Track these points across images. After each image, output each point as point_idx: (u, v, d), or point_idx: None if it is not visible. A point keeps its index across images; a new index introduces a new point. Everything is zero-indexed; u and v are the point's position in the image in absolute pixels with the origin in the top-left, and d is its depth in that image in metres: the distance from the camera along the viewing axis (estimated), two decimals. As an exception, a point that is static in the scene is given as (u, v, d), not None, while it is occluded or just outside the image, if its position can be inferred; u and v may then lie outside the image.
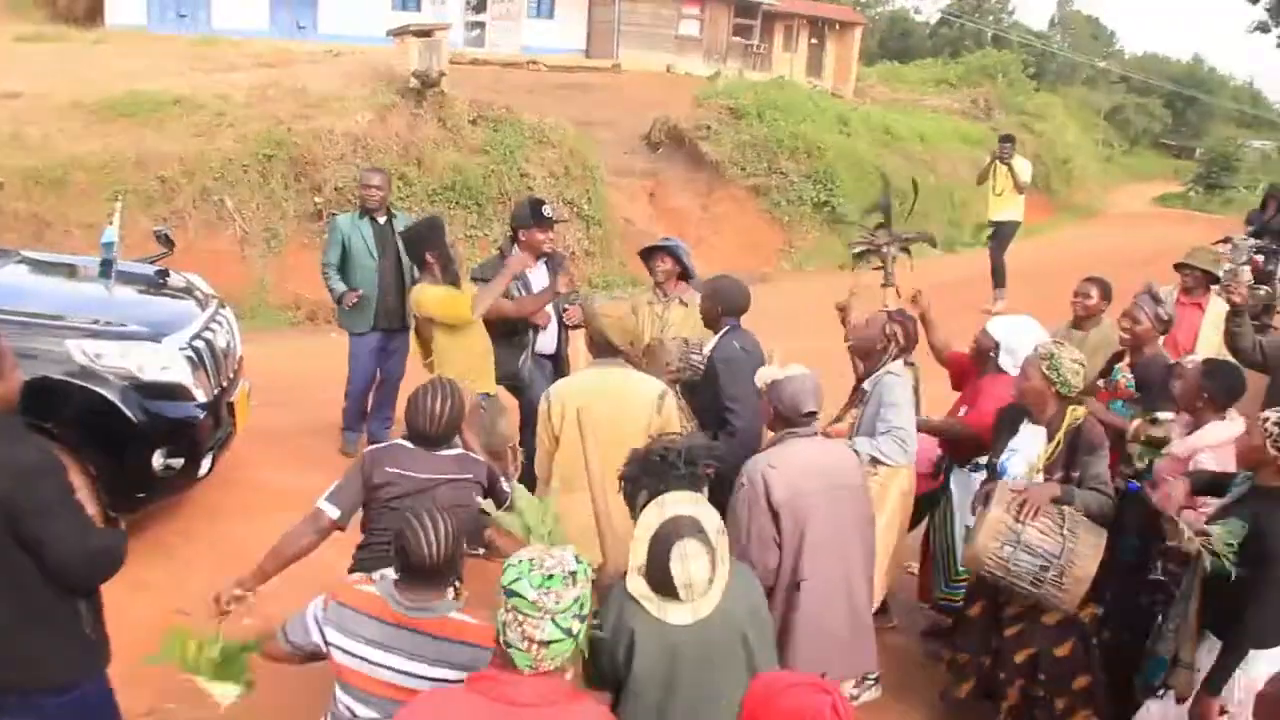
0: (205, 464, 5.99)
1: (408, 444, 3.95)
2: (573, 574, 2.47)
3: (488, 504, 3.80)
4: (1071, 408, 4.52)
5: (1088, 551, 4.30)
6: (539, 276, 6.37)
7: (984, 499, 4.60)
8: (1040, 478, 4.52)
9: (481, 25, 26.78)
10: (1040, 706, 4.65)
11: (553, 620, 2.41)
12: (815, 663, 3.92)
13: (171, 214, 11.14)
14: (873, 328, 5.01)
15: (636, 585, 3.11)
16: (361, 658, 2.96)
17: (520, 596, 2.41)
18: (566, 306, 6.42)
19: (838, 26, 32.11)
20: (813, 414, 4.16)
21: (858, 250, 6.18)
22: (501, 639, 2.47)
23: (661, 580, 3.05)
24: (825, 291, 5.82)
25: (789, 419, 4.13)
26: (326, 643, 3.01)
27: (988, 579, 4.52)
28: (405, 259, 7.17)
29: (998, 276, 13.49)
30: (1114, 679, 4.66)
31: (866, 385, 4.91)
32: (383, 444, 4.15)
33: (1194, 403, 4.69)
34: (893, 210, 6.22)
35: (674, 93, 18.94)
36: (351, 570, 4.04)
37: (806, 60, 31.75)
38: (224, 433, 6.26)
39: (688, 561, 3.03)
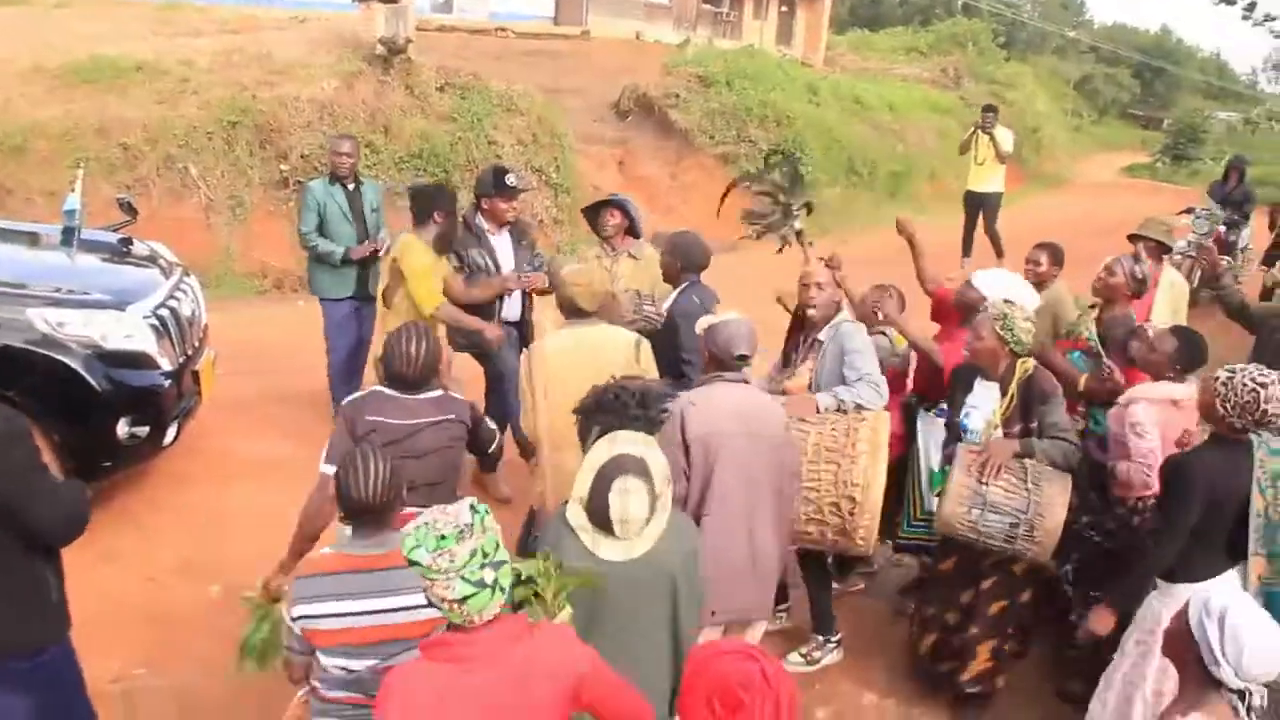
0: (171, 432, 6.00)
1: (386, 390, 3.97)
2: (467, 527, 2.47)
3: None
4: (1021, 360, 4.64)
5: (1055, 501, 4.40)
6: (503, 244, 6.40)
7: (949, 461, 4.73)
8: (999, 434, 4.62)
9: (449, -9, 26.51)
10: (1010, 664, 4.78)
11: (460, 578, 2.43)
12: (714, 599, 3.92)
13: (135, 182, 11.03)
14: (829, 287, 5.00)
15: (575, 515, 3.19)
16: (337, 614, 3.00)
17: (418, 564, 2.44)
18: (527, 275, 6.43)
19: (808, -6, 32.01)
20: (745, 357, 4.22)
21: (760, 233, 6.14)
22: (429, 602, 2.53)
23: (599, 513, 3.13)
24: (791, 261, 5.84)
25: (721, 361, 4.20)
26: (295, 619, 3.03)
27: (963, 541, 4.61)
28: (370, 227, 7.18)
29: (967, 247, 13.60)
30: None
31: (823, 336, 4.92)
32: (361, 393, 4.16)
33: (1165, 371, 4.79)
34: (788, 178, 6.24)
35: (643, 60, 18.87)
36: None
37: (776, 28, 31.63)
38: (189, 401, 6.26)
39: (628, 497, 3.11)
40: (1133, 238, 6.74)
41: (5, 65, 12.18)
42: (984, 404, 4.72)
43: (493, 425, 4.30)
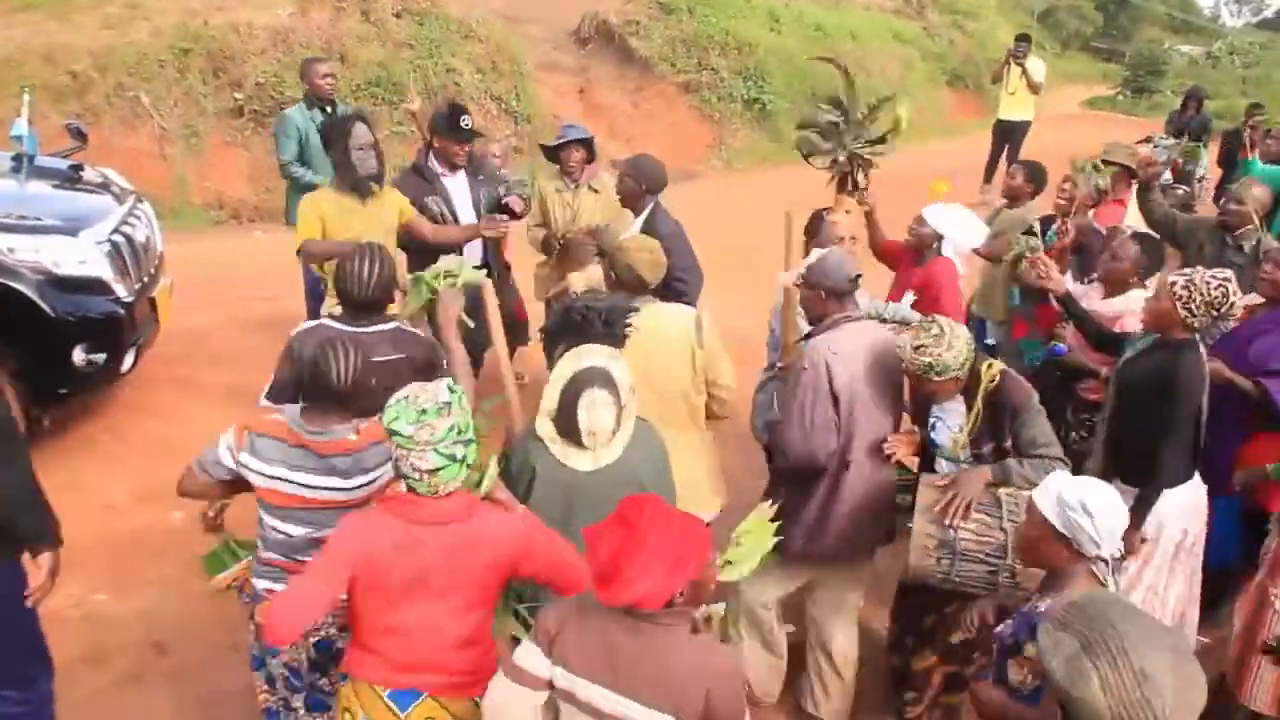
0: (128, 359, 5.94)
1: (334, 323, 3.87)
2: (446, 404, 2.69)
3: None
4: (986, 365, 3.85)
5: None
6: (458, 186, 6.04)
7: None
8: (965, 454, 3.90)
9: (406, -84, 25.87)
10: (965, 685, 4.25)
11: (434, 450, 2.65)
12: (849, 534, 4.03)
13: (85, 110, 10.78)
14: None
15: (544, 428, 3.26)
16: (274, 477, 3.15)
17: (399, 434, 2.65)
18: (506, 198, 6.05)
19: (771, -79, 31.52)
20: (859, 276, 4.08)
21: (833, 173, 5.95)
22: (399, 473, 2.74)
23: (568, 425, 3.20)
24: (755, 189, 5.82)
25: (839, 292, 3.99)
26: (240, 464, 3.18)
27: (939, 590, 3.92)
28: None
29: (990, 174, 13.57)
30: None
31: None
32: (308, 324, 4.06)
33: (1129, 276, 4.86)
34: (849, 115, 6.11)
35: (604, -13, 18.57)
36: None
37: (739, -44, 31.17)
38: (147, 328, 6.18)
39: (595, 409, 3.18)
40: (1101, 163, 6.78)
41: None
42: (950, 416, 4.01)
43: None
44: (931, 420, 4.05)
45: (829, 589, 4.28)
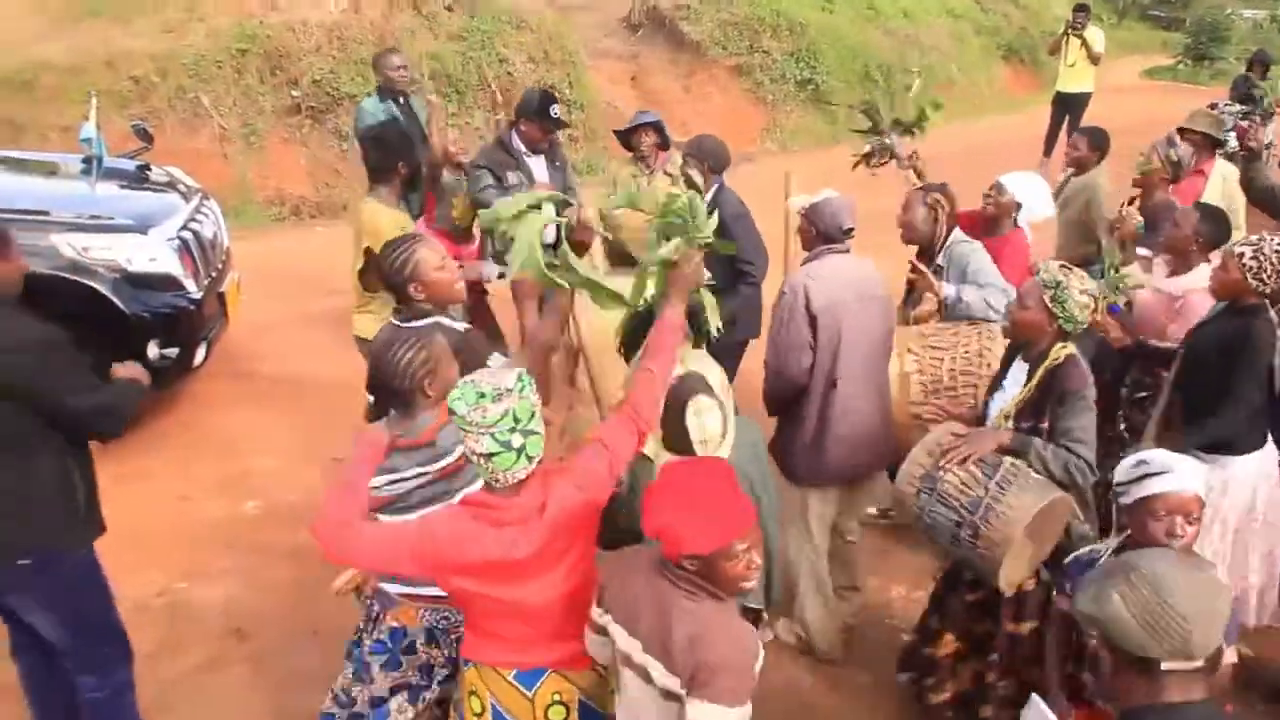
0: (200, 354, 6.07)
1: (394, 319, 3.82)
2: (506, 391, 2.59)
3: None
4: (1060, 344, 3.64)
5: (1012, 514, 3.43)
6: (538, 166, 6.18)
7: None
8: (1008, 424, 3.72)
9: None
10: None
11: (490, 435, 2.57)
12: (847, 455, 4.23)
13: (147, 113, 10.92)
14: (912, 209, 4.88)
15: (651, 445, 3.17)
16: (378, 487, 3.14)
17: (455, 414, 2.60)
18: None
19: (819, -100, 31.17)
20: (851, 230, 4.23)
21: (866, 153, 6.02)
22: (466, 456, 2.73)
23: (678, 437, 3.14)
24: (811, 170, 5.79)
25: (829, 236, 4.22)
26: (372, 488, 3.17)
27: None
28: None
29: (1049, 147, 13.28)
30: None
31: (940, 260, 4.84)
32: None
33: (1188, 247, 4.73)
34: (879, 106, 6.13)
35: (653, -28, 18.50)
36: None
37: (787, -63, 30.89)
38: (216, 323, 6.31)
39: (703, 416, 3.12)
40: (1182, 131, 6.57)
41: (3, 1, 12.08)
42: (1012, 387, 3.81)
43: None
44: (995, 389, 3.93)
45: (840, 514, 4.51)
